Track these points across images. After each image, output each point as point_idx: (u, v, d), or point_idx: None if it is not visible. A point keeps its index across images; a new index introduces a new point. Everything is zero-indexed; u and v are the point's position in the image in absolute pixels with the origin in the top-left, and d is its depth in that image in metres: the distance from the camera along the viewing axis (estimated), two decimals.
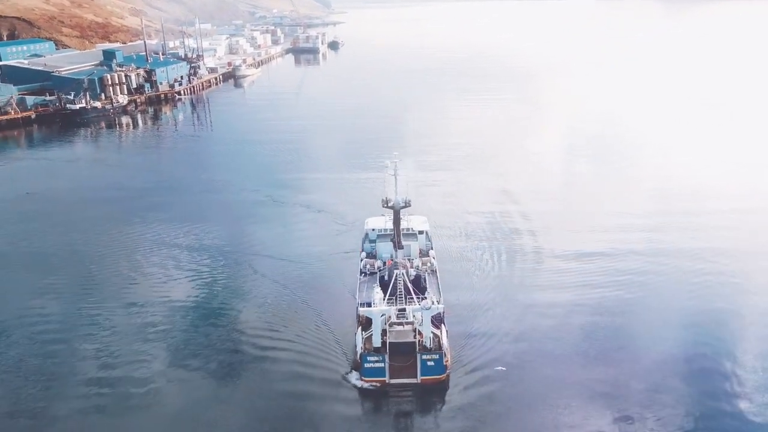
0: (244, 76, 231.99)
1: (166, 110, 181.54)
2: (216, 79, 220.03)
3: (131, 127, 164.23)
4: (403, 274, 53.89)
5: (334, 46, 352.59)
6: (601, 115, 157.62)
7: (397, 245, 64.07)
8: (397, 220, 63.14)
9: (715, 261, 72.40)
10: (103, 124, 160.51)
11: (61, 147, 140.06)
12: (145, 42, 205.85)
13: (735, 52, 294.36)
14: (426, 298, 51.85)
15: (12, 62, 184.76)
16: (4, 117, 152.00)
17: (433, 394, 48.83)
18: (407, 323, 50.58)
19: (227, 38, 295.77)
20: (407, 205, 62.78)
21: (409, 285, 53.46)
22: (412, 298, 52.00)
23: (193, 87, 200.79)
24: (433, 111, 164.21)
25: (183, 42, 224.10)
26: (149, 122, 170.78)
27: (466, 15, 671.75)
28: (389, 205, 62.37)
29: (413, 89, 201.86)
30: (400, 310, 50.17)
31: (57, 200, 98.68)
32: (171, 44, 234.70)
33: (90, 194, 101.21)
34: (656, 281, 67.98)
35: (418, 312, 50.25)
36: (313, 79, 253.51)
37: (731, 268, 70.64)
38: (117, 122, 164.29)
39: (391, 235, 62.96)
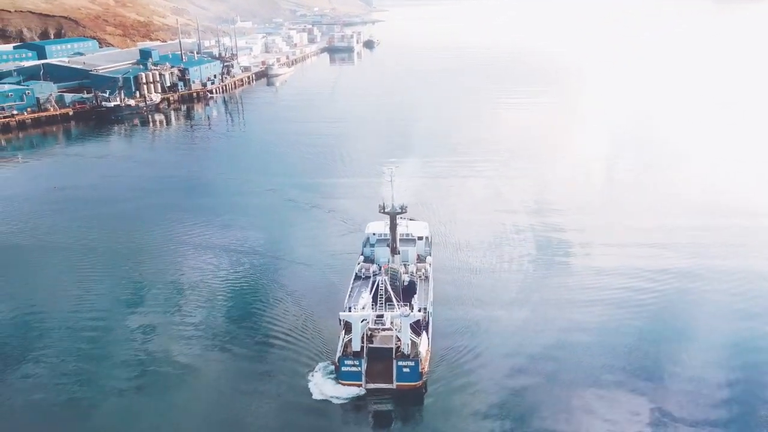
0: (277, 75, 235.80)
1: (198, 108, 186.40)
2: (249, 77, 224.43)
3: (163, 124, 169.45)
4: (385, 280, 54.48)
5: (369, 45, 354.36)
6: (640, 117, 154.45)
7: (394, 250, 65.08)
8: (393, 226, 63.95)
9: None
10: (136, 122, 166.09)
11: (93, 143, 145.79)
12: (180, 41, 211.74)
13: None
14: (407, 305, 52.25)
15: (53, 60, 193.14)
16: (44, 113, 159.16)
17: (408, 400, 49.28)
18: (385, 329, 51.09)
19: (263, 37, 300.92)
20: (404, 210, 63.55)
21: (390, 291, 53.97)
22: (393, 304, 52.45)
23: (226, 86, 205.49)
24: (465, 112, 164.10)
25: (218, 41, 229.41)
26: (181, 120, 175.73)
27: (509, 13, 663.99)
28: (386, 210, 63.39)
29: (445, 89, 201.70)
30: (378, 316, 50.73)
31: (80, 196, 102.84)
32: (207, 43, 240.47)
33: (110, 192, 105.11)
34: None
35: (397, 318, 50.70)
36: (346, 79, 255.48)
37: None
38: (150, 120, 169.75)
39: (389, 240, 63.76)
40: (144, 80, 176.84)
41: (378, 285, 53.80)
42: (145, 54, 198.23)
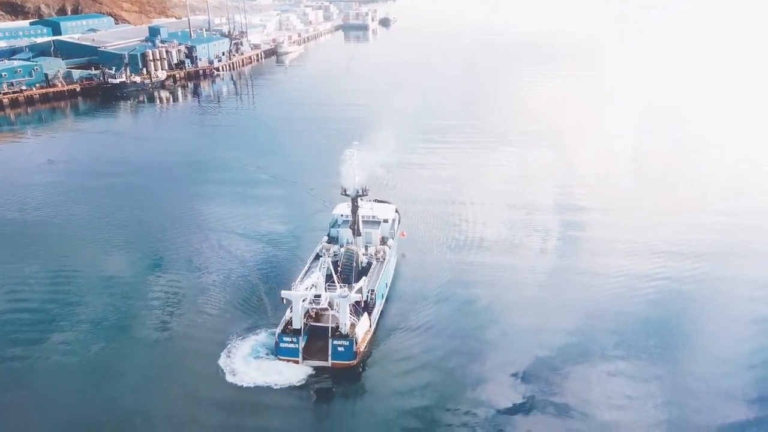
0: (286, 53, 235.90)
1: (204, 86, 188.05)
2: (258, 55, 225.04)
3: (169, 101, 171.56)
4: (328, 260, 55.59)
5: (385, 23, 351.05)
6: (654, 99, 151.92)
7: (355, 232, 66.08)
8: (354, 208, 65.00)
9: None
10: (142, 98, 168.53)
11: (98, 119, 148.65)
12: (189, 18, 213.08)
13: None
14: (346, 286, 53.27)
15: (65, 37, 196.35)
16: (52, 89, 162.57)
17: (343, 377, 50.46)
18: (323, 310, 52.26)
19: (278, 14, 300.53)
20: (364, 193, 64.49)
21: (333, 272, 55.07)
22: (334, 285, 53.50)
23: (233, 63, 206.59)
24: (483, 93, 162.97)
25: (228, 18, 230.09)
26: (187, 97, 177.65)
27: None
28: (346, 193, 64.35)
29: (460, 69, 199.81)
30: (315, 296, 51.84)
31: (73, 170, 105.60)
32: (218, 20, 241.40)
33: (102, 166, 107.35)
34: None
35: (336, 299, 51.76)
36: (358, 57, 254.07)
37: None
38: (155, 96, 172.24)
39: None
40: (150, 57, 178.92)
41: (320, 265, 54.95)
42: (153, 31, 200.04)
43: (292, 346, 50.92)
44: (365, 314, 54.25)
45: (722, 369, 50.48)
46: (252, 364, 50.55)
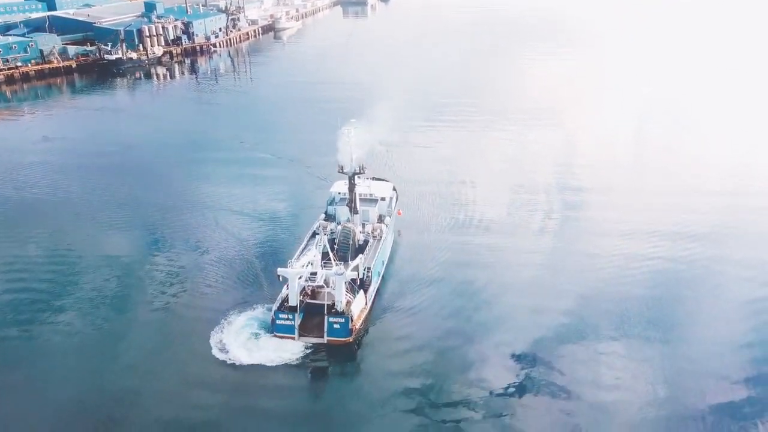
0: (284, 29, 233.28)
1: (201, 62, 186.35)
2: (255, 31, 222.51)
3: (166, 78, 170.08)
4: (324, 238, 55.65)
5: None
6: (655, 80, 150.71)
7: (352, 210, 66.08)
8: (351, 186, 64.95)
9: None
10: (138, 75, 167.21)
11: (93, 95, 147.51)
12: None
13: None
14: (342, 264, 53.38)
15: (59, 13, 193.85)
16: (47, 66, 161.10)
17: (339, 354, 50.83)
18: (319, 287, 52.46)
19: None
20: (362, 171, 64.41)
21: (329, 249, 55.12)
22: (330, 263, 53.59)
23: (230, 39, 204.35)
24: (479, 70, 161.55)
25: None
26: (184, 73, 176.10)
27: None
28: (344, 171, 64.18)
29: (459, 45, 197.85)
30: (311, 274, 52.00)
31: (70, 147, 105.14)
32: None
33: (99, 145, 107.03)
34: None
35: (332, 277, 51.92)
36: (357, 34, 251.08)
37: None
38: (152, 73, 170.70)
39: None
40: (147, 33, 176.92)
41: (317, 243, 55.01)
42: (149, 7, 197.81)
43: (288, 323, 51.22)
44: (361, 292, 54.44)
45: (716, 349, 50.70)
46: (248, 341, 50.84)
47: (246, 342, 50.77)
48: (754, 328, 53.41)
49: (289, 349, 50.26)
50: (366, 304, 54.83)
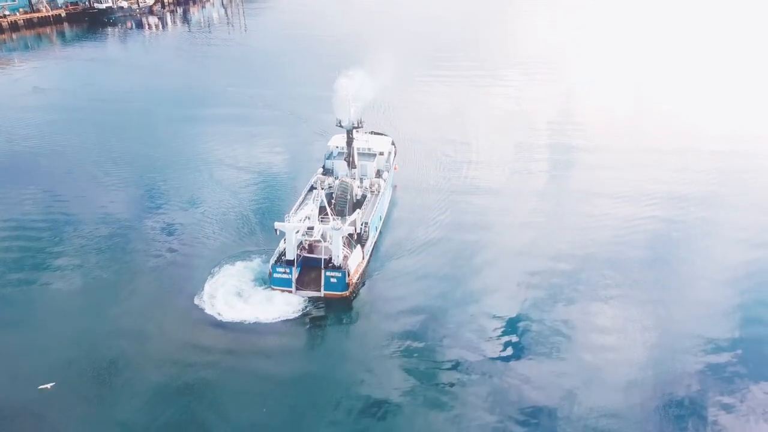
0: None
1: (194, 11, 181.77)
2: None
3: (158, 28, 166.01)
4: (321, 193, 55.14)
5: None
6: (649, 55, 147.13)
7: (350, 164, 65.41)
8: (349, 140, 64.16)
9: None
10: (130, 24, 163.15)
11: (85, 46, 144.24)
12: None
13: None
14: (339, 218, 53.11)
15: None
16: (36, 14, 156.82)
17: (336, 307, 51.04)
18: (316, 241, 52.31)
19: None
20: (360, 125, 63.49)
21: (326, 204, 54.71)
22: (327, 217, 53.27)
23: None
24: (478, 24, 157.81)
25: None
26: (177, 23, 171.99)
27: None
28: (342, 125, 63.19)
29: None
30: (308, 228, 51.76)
31: (62, 99, 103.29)
32: None
33: (91, 97, 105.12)
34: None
35: (329, 231, 51.74)
36: None
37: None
38: (143, 23, 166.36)
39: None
40: None
41: (314, 198, 54.60)
42: None
43: (285, 276, 51.22)
44: (358, 247, 54.28)
45: (706, 310, 50.73)
46: (244, 294, 50.79)
47: (242, 295, 50.74)
48: (744, 290, 53.34)
49: (286, 303, 50.45)
50: (363, 258, 54.78)
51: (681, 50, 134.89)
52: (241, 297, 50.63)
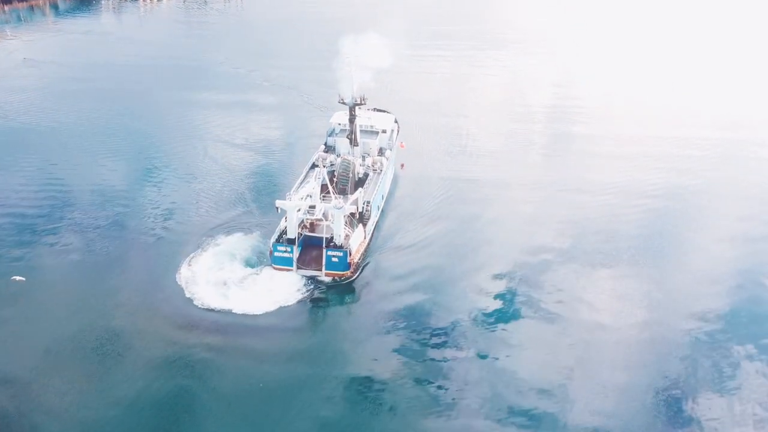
0: None
1: None
2: None
3: (152, 0, 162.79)
4: (323, 171, 54.10)
5: None
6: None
7: (352, 142, 64.22)
8: (352, 117, 62.98)
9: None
10: None
11: (77, 18, 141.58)
12: None
13: None
14: (341, 197, 52.16)
15: None
16: None
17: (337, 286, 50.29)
18: (317, 220, 51.40)
19: None
20: (362, 102, 62.21)
21: (328, 182, 53.68)
22: (329, 196, 52.29)
23: None
24: None
25: None
26: None
27: None
28: (344, 101, 61.88)
29: None
30: (310, 207, 50.81)
31: (56, 72, 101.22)
32: None
33: (86, 70, 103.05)
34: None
35: (331, 210, 50.79)
36: None
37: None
38: None
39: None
40: None
41: (315, 176, 53.55)
42: None
43: (286, 255, 50.30)
44: (360, 226, 53.38)
45: (699, 277, 50.84)
46: (244, 273, 50.06)
47: (242, 274, 49.95)
48: (735, 260, 53.42)
49: (287, 281, 49.63)
50: (365, 237, 53.92)
51: (681, 37, 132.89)
52: (239, 276, 49.74)
